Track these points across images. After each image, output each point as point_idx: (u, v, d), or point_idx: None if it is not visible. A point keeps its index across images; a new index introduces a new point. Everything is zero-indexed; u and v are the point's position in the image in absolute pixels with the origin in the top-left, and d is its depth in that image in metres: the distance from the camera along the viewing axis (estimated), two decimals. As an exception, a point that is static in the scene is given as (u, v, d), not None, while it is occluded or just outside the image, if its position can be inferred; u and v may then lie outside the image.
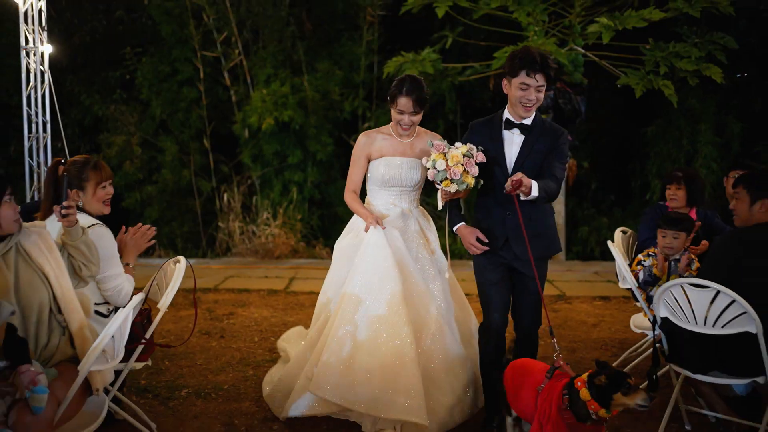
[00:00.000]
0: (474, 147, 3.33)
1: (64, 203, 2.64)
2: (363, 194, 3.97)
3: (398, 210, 3.86)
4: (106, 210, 3.14)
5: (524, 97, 3.31)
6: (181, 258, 3.30)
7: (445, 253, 3.81)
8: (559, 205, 8.80)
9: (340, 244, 3.93)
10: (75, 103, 10.59)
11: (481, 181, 3.37)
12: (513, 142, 3.43)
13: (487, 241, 3.40)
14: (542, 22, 7.50)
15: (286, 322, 5.47)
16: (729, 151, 9.92)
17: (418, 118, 3.73)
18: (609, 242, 3.95)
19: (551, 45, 7.02)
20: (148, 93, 10.08)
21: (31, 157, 5.83)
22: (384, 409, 3.32)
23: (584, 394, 2.68)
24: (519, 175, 3.11)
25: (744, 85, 10.64)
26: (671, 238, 3.70)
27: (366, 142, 3.88)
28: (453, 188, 3.33)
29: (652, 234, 4.00)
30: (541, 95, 3.35)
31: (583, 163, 10.94)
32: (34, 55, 5.75)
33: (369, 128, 9.76)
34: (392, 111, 3.75)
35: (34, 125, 5.90)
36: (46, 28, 5.70)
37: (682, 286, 3.06)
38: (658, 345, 3.36)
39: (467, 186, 3.31)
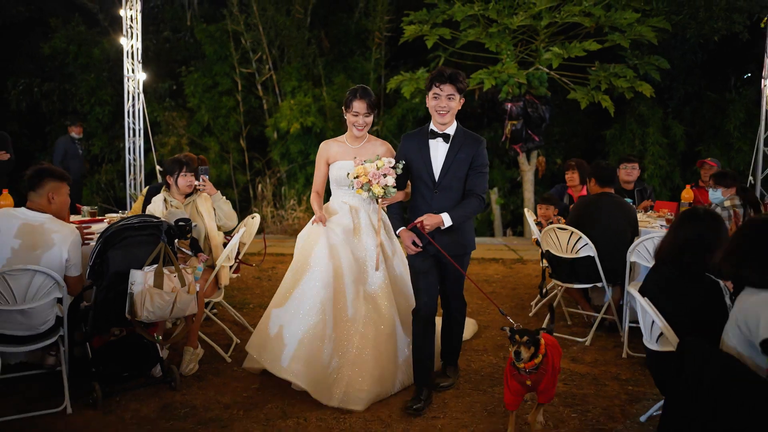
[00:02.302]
0: (391, 163, 3.82)
1: (199, 182, 4.74)
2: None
3: (347, 207, 4.28)
4: None
5: (438, 105, 3.75)
6: (256, 214, 5.44)
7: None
8: (528, 193, 10.85)
9: (300, 235, 4.38)
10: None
11: (394, 190, 3.82)
12: (438, 151, 3.85)
13: (421, 244, 3.81)
14: (511, 49, 9.58)
15: (314, 272, 7.61)
16: (675, 150, 11.91)
17: (370, 119, 4.19)
18: (525, 209, 6.07)
19: (513, 68, 9.10)
20: (198, 101, 12.25)
21: (129, 154, 7.96)
22: (278, 369, 3.86)
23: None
24: (419, 221, 3.71)
25: (694, 95, 12.66)
26: (545, 209, 5.86)
27: (324, 149, 4.35)
28: (364, 195, 3.91)
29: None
30: (453, 104, 3.76)
31: (557, 160, 13.02)
32: (133, 81, 7.87)
33: (377, 131, 11.97)
34: (348, 116, 4.20)
35: (131, 131, 8.01)
36: (141, 62, 7.81)
37: (554, 230, 5.17)
38: (546, 268, 5.47)
39: (374, 194, 3.83)
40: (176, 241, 4.07)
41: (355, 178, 3.85)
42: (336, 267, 4.06)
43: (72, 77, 12.79)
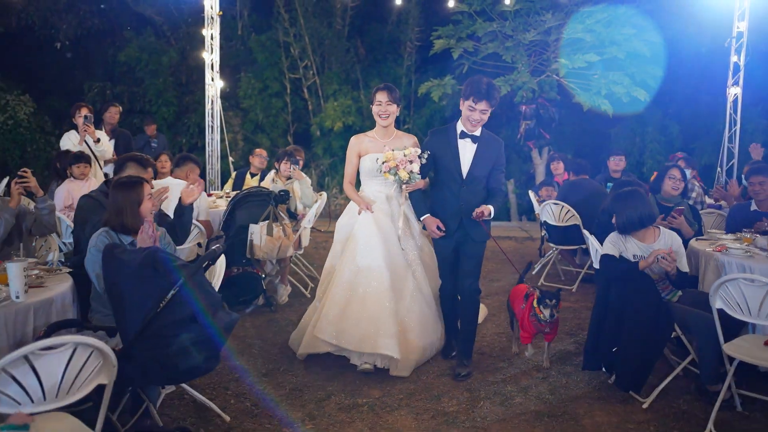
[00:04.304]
0: (417, 152, 4.18)
1: (290, 169, 6.46)
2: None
3: (383, 195, 4.63)
4: None
5: (471, 116, 4.13)
6: (323, 193, 7.15)
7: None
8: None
9: (339, 222, 4.78)
10: (196, 109, 14.64)
11: (418, 176, 4.19)
12: (466, 149, 4.25)
13: (444, 228, 4.28)
14: (525, 59, 11.19)
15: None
16: (672, 147, 13.41)
17: (393, 108, 4.51)
18: (530, 191, 7.73)
19: (526, 76, 10.73)
20: (252, 102, 14.03)
21: (208, 147, 9.75)
22: (368, 346, 4.24)
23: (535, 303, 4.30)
24: (480, 210, 4.10)
25: (691, 98, 14.14)
26: (551, 191, 7.50)
27: (356, 142, 4.69)
28: (391, 178, 4.23)
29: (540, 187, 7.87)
30: (485, 116, 4.13)
31: (568, 156, 14.60)
32: (212, 87, 9.65)
33: (408, 129, 13.68)
34: (373, 108, 4.55)
35: (210, 128, 9.79)
36: (219, 72, 9.58)
37: (550, 205, 6.83)
38: (544, 235, 7.13)
39: (400, 179, 4.19)
40: (278, 205, 5.81)
41: (383, 162, 4.23)
42: (389, 248, 4.49)
43: (141, 81, 14.63)
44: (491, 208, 4.15)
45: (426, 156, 4.19)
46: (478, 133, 4.27)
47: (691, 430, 3.66)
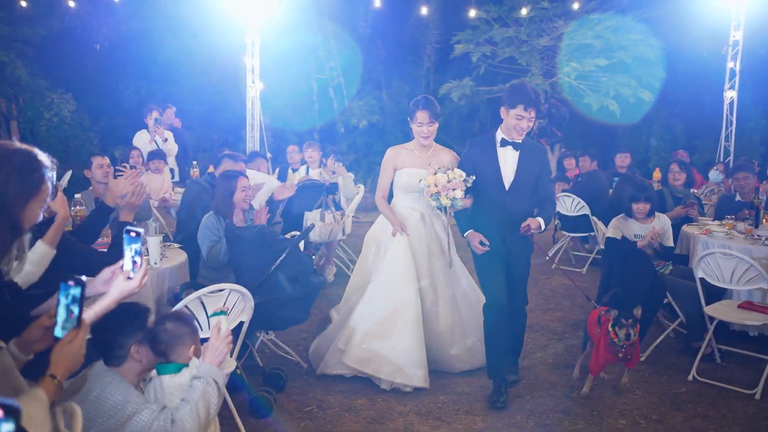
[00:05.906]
0: (462, 176, 3.93)
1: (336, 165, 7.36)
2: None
3: (417, 214, 4.47)
4: None
5: (518, 125, 3.87)
6: (361, 186, 8.05)
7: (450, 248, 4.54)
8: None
9: (369, 234, 4.70)
10: (227, 107, 15.55)
11: (461, 203, 3.96)
12: (507, 159, 4.01)
13: (488, 243, 4.02)
14: (538, 63, 12.06)
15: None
16: (676, 144, 14.23)
17: (434, 128, 4.34)
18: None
19: (540, 78, 11.59)
20: (282, 101, 14.94)
21: (249, 143, 10.67)
22: (400, 376, 4.14)
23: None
24: (526, 224, 3.93)
25: (695, 98, 14.96)
26: (564, 185, 8.38)
27: (392, 155, 4.50)
28: (433, 203, 4.06)
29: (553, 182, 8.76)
30: (532, 123, 3.92)
31: (577, 152, 15.45)
32: (252, 89, 10.56)
33: (427, 127, 14.51)
34: (413, 126, 4.35)
35: (250, 126, 10.71)
36: (258, 75, 10.49)
37: (562, 197, 7.71)
38: (557, 224, 8.02)
39: (442, 205, 4.00)
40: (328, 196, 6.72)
41: (426, 186, 4.07)
42: (419, 273, 4.41)
43: (175, 81, 15.56)
44: (540, 221, 4.00)
45: (472, 180, 4.01)
46: (520, 140, 4.07)
47: (679, 377, 4.57)
